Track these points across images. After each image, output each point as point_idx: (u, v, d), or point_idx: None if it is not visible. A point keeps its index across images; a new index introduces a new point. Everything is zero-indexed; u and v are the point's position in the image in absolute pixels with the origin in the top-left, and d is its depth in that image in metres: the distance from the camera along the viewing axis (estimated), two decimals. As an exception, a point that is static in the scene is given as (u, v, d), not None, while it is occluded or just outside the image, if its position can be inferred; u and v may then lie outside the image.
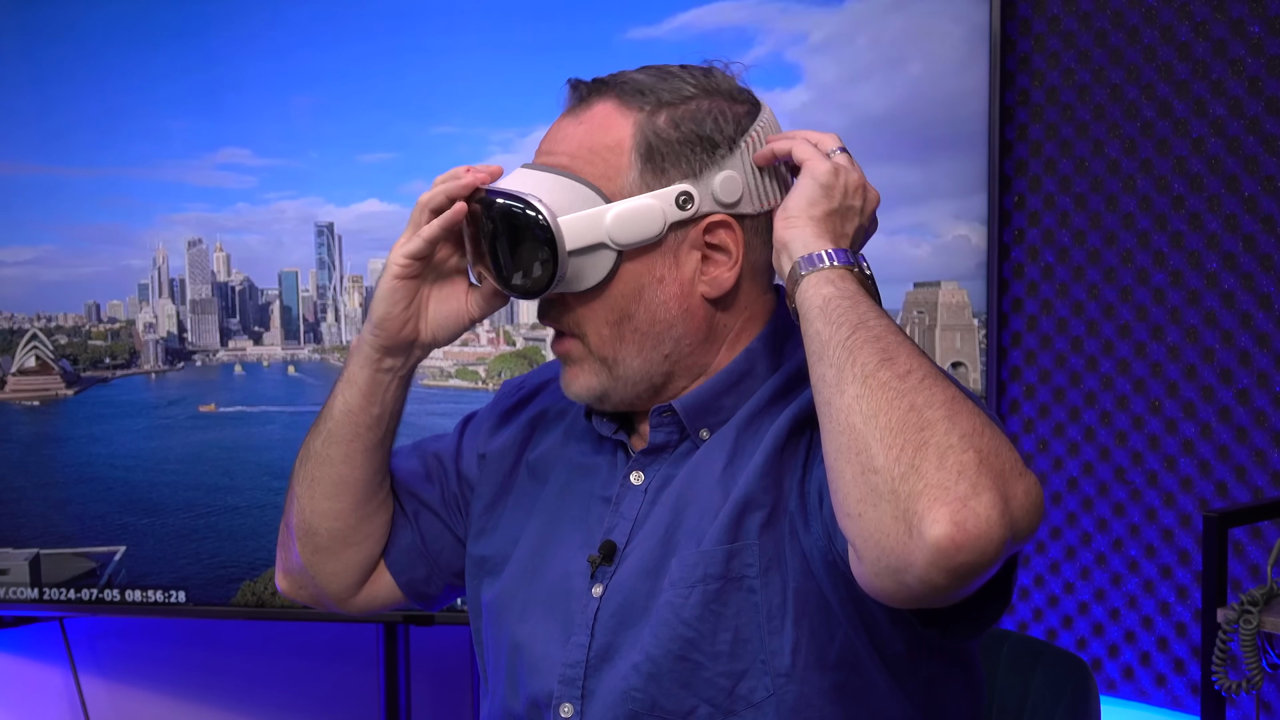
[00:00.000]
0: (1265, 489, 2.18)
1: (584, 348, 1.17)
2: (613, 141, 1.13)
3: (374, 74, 2.44)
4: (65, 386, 2.64)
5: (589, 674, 1.15)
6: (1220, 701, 1.92)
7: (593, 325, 1.15)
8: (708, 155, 1.13)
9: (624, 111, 1.14)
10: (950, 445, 0.90)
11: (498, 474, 1.30)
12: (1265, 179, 2.15)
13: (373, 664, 2.60)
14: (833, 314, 1.01)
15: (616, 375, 1.16)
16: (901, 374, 0.95)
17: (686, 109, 1.14)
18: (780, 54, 2.35)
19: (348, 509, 1.28)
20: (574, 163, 1.13)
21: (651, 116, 1.13)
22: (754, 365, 1.18)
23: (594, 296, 1.14)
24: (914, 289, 2.40)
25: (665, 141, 1.13)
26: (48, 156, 2.56)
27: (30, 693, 2.83)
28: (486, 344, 2.61)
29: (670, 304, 1.15)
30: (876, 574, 0.93)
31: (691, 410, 1.17)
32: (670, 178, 1.13)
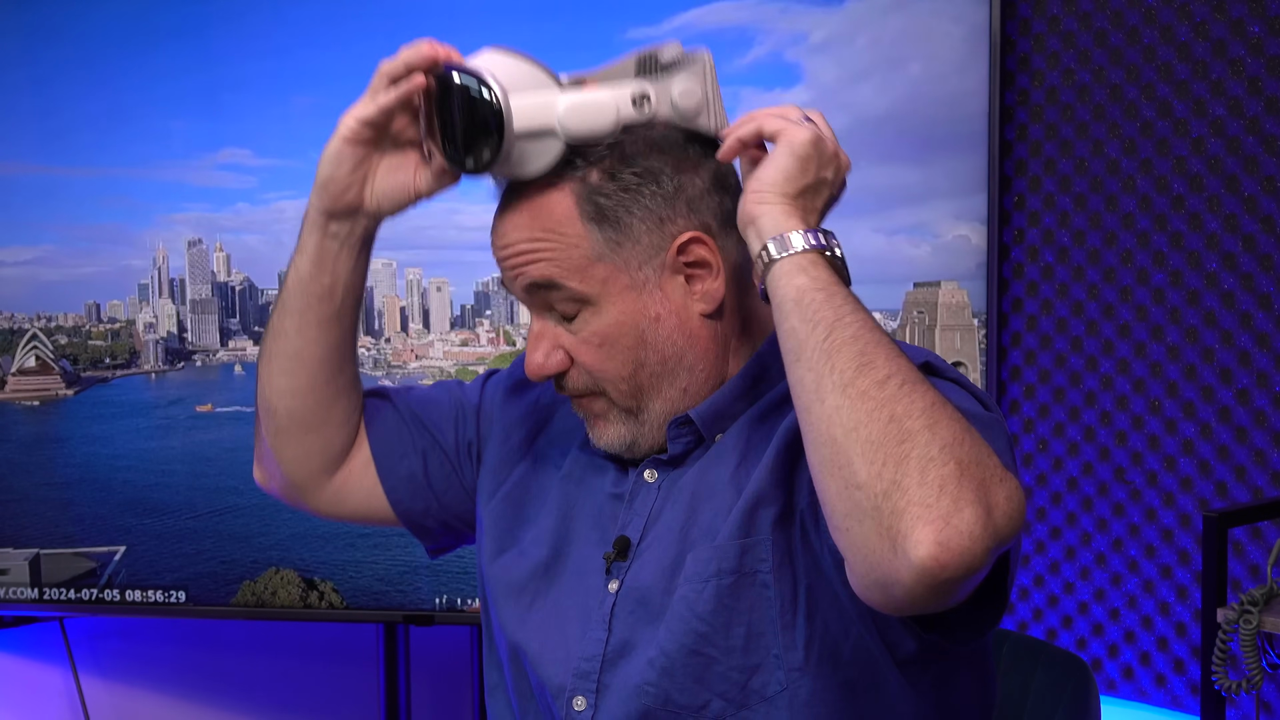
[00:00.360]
0: (1265, 489, 2.18)
1: (607, 402, 1.18)
2: (562, 213, 1.13)
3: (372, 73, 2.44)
4: (65, 386, 2.63)
5: (605, 668, 1.16)
6: (1220, 701, 1.92)
7: (609, 384, 1.16)
8: (653, 186, 1.13)
9: (558, 184, 1.13)
10: (931, 457, 0.90)
11: (506, 448, 1.31)
12: (1265, 179, 2.15)
13: (373, 664, 2.60)
14: (808, 309, 1.00)
15: (643, 421, 1.17)
16: (880, 380, 0.95)
17: (616, 153, 1.14)
18: (780, 54, 2.35)
19: (303, 387, 1.27)
20: (533, 246, 1.13)
21: (585, 180, 1.13)
22: (766, 368, 1.18)
23: (603, 359, 1.15)
24: (914, 289, 2.40)
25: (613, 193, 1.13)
26: (48, 156, 2.56)
27: (30, 693, 2.83)
28: (486, 344, 2.61)
29: (675, 336, 1.15)
30: (866, 586, 0.95)
31: (709, 418, 1.18)
32: (630, 221, 1.13)
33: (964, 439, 0.92)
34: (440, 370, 2.61)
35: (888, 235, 2.37)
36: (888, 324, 2.45)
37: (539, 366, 1.17)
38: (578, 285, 1.13)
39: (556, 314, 1.16)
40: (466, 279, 2.62)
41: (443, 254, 2.55)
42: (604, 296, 1.14)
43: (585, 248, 1.13)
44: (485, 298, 2.62)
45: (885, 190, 2.34)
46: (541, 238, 1.13)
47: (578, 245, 1.13)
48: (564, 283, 1.13)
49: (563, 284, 1.13)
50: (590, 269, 1.13)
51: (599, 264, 1.13)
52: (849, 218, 2.34)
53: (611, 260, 1.13)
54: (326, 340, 1.26)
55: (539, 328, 1.17)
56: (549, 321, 1.17)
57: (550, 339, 1.17)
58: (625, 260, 1.13)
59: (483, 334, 2.62)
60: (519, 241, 1.14)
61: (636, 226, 1.13)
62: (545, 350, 1.16)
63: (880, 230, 2.36)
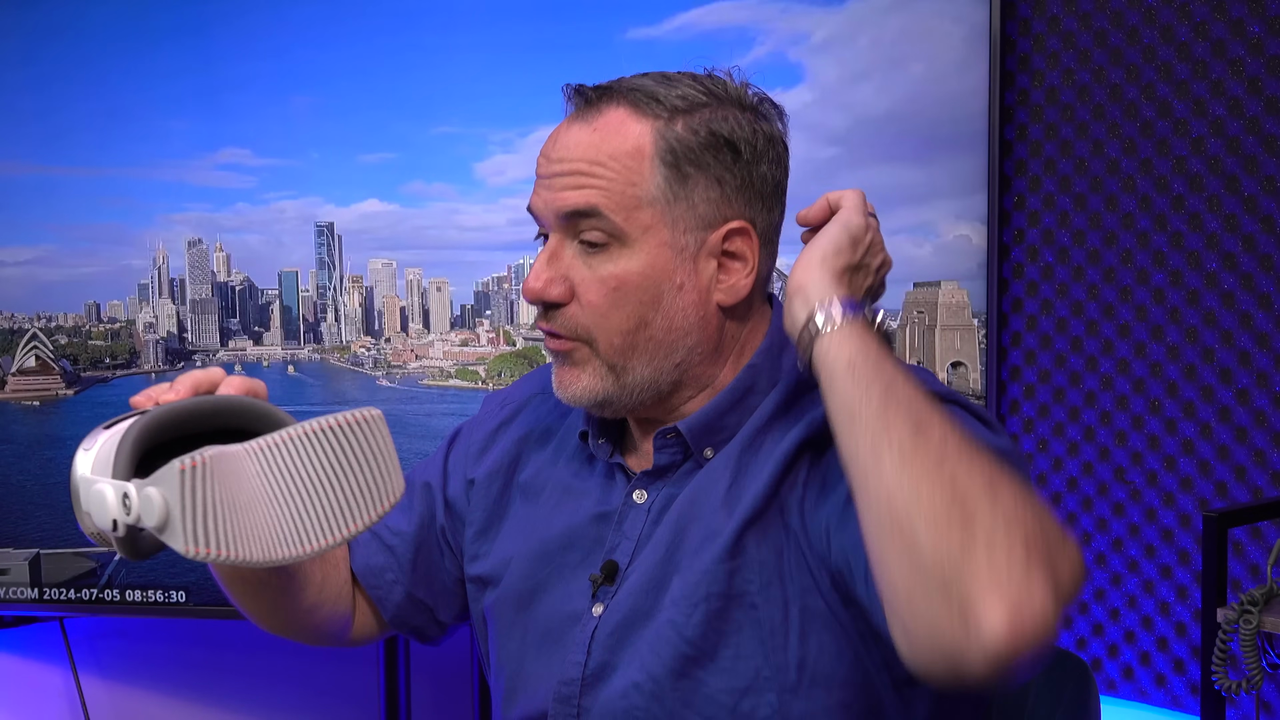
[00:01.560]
0: (1265, 489, 2.18)
1: (589, 351, 1.14)
2: (632, 147, 1.11)
3: (374, 74, 2.44)
4: (65, 386, 2.63)
5: (584, 692, 1.15)
6: (1220, 701, 1.92)
7: (604, 333, 1.13)
8: (733, 163, 1.12)
9: (639, 118, 1.12)
10: (997, 527, 0.86)
11: (487, 498, 1.28)
12: (1265, 179, 2.15)
13: (373, 664, 2.60)
14: (860, 377, 0.97)
15: (623, 383, 1.14)
16: (938, 448, 0.90)
17: (701, 115, 1.12)
18: (782, 54, 2.35)
19: (283, 618, 1.26)
20: (591, 169, 1.11)
21: (669, 123, 1.12)
22: (756, 381, 1.17)
23: (610, 305, 1.12)
24: (914, 289, 2.40)
25: (689, 150, 1.11)
26: (47, 156, 2.56)
27: (30, 693, 2.83)
28: (486, 344, 2.62)
29: (689, 311, 1.13)
30: (928, 661, 0.89)
31: (697, 431, 1.16)
32: (695, 182, 1.11)
33: (1026, 503, 0.88)
34: (440, 370, 2.61)
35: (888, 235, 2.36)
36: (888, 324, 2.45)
37: (538, 291, 1.13)
38: (620, 221, 1.11)
39: (577, 245, 1.13)
40: (466, 279, 2.62)
41: (443, 254, 2.55)
42: (639, 242, 1.11)
43: (643, 187, 1.11)
44: (485, 298, 2.62)
45: (886, 190, 2.34)
46: (604, 163, 1.11)
47: (636, 182, 1.11)
48: (608, 214, 1.10)
49: (606, 215, 1.10)
50: (638, 210, 1.11)
51: (648, 208, 1.11)
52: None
53: (662, 210, 1.11)
54: (276, 585, 1.22)
55: (554, 249, 1.13)
56: (566, 250, 1.13)
57: (562, 266, 1.13)
58: (674, 218, 1.12)
59: (483, 334, 2.62)
60: (579, 160, 1.11)
61: (698, 192, 1.12)
62: (551, 277, 1.13)
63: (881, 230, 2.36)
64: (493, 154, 2.43)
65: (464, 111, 2.44)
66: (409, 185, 2.47)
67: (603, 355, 1.14)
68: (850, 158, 2.30)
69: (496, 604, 1.24)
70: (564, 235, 1.13)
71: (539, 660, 1.19)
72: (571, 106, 1.15)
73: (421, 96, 2.44)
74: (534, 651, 1.20)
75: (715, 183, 1.12)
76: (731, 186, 1.13)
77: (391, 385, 2.62)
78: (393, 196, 2.48)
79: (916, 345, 2.41)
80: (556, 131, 1.15)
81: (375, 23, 2.45)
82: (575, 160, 1.11)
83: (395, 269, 2.60)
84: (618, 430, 1.23)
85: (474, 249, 2.51)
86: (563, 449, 1.26)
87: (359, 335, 2.64)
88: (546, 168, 1.14)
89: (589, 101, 1.14)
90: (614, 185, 1.10)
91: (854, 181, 1.15)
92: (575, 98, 1.15)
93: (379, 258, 2.59)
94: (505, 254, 2.56)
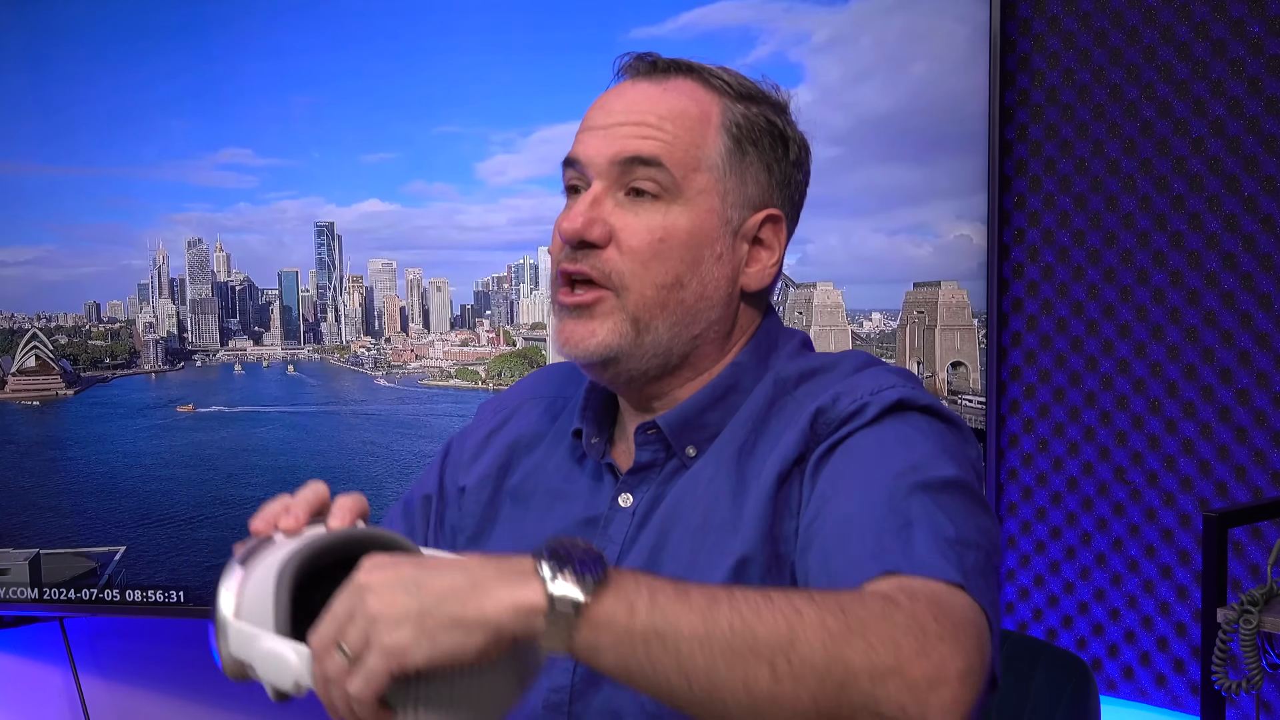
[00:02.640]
0: (1265, 489, 2.18)
1: (616, 302, 1.12)
2: (699, 113, 1.13)
3: (376, 74, 2.45)
4: (65, 386, 2.63)
5: (574, 699, 1.14)
6: (1220, 701, 1.92)
7: (639, 283, 1.11)
8: (784, 155, 1.16)
9: (707, 90, 1.14)
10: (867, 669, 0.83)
11: (478, 505, 1.27)
12: (1265, 179, 2.15)
13: (373, 664, 2.60)
14: (654, 646, 0.85)
15: (640, 341, 1.13)
16: (772, 660, 0.84)
17: (761, 106, 1.16)
18: (783, 53, 2.35)
19: None
20: (659, 122, 1.12)
21: (735, 102, 1.15)
22: (739, 380, 1.17)
23: (652, 255, 1.11)
24: (914, 289, 2.40)
25: (751, 131, 1.14)
26: (48, 156, 2.56)
27: (30, 693, 2.82)
28: (486, 344, 2.62)
29: (720, 284, 1.14)
30: None
31: (676, 427, 1.15)
32: (750, 162, 1.14)
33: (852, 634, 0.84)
34: (440, 370, 2.61)
35: (889, 235, 2.37)
36: (888, 324, 2.45)
37: (578, 229, 1.11)
38: (679, 176, 1.11)
39: (621, 195, 1.12)
40: (466, 279, 2.62)
41: (443, 254, 2.55)
42: (691, 202, 1.12)
43: (705, 151, 1.13)
44: (485, 298, 2.62)
45: (887, 190, 2.34)
46: (672, 119, 1.12)
47: (699, 145, 1.12)
48: (669, 167, 1.11)
49: (667, 167, 1.11)
50: (696, 172, 1.12)
51: (705, 173, 1.12)
52: (851, 218, 2.36)
53: (717, 179, 1.13)
54: None
55: (597, 195, 1.12)
56: (609, 198, 1.12)
57: (603, 210, 1.12)
58: (726, 189, 1.13)
59: (483, 334, 2.62)
60: (645, 113, 1.12)
61: (751, 173, 1.14)
62: (592, 217, 1.11)
63: (881, 230, 2.37)
64: (494, 154, 2.43)
65: (465, 111, 2.44)
66: (410, 185, 2.47)
67: (630, 307, 1.12)
68: (851, 158, 2.31)
69: None
70: (610, 183, 1.12)
71: None
72: (631, 74, 1.16)
73: (423, 96, 2.44)
74: None
75: (765, 169, 1.15)
76: (778, 177, 1.16)
77: (390, 385, 2.62)
78: (393, 196, 2.48)
79: (916, 345, 2.41)
80: (619, 88, 1.16)
81: (377, 23, 2.45)
82: (643, 112, 1.12)
83: (395, 269, 2.60)
84: (609, 426, 1.22)
85: (474, 249, 2.51)
86: (553, 451, 1.25)
87: (359, 335, 2.64)
88: (605, 118, 1.14)
89: (658, 68, 1.15)
90: (678, 142, 1.11)
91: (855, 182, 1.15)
92: (642, 64, 1.16)
93: (379, 258, 2.59)
94: (505, 254, 2.56)
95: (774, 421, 1.15)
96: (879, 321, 2.47)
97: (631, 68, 1.17)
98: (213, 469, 2.58)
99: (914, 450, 1.04)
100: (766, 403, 1.16)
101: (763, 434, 1.14)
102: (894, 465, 1.03)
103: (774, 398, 1.16)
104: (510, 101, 2.42)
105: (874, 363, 1.20)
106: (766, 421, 1.15)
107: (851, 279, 2.41)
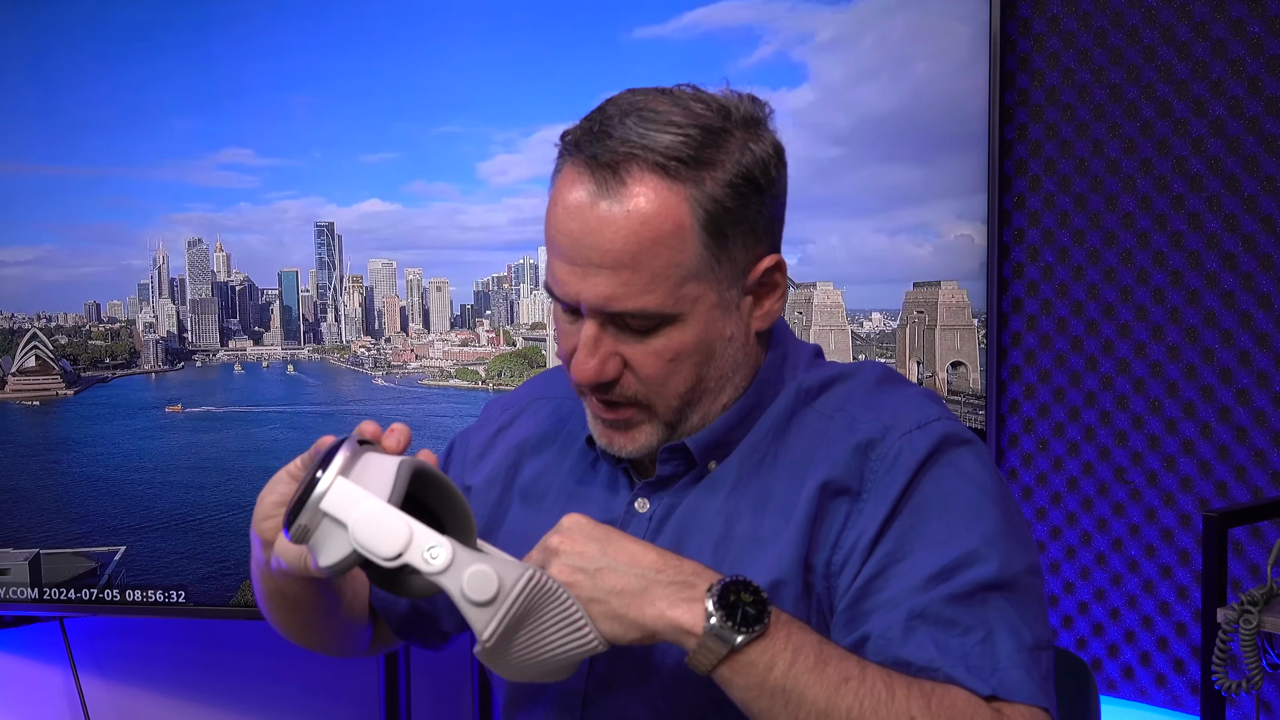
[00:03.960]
0: (1265, 489, 2.18)
1: (647, 415, 1.13)
2: (672, 226, 1.05)
3: (377, 74, 2.44)
4: (65, 386, 2.63)
5: (587, 703, 1.15)
6: (1220, 701, 1.92)
7: (663, 399, 1.12)
8: (759, 201, 1.09)
9: (671, 185, 1.05)
10: None
11: (485, 503, 1.27)
12: (1265, 179, 2.15)
13: (373, 664, 2.60)
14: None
15: (678, 432, 1.15)
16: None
17: (729, 158, 1.07)
18: (786, 53, 2.35)
19: (314, 632, 1.26)
20: (634, 261, 1.05)
21: (700, 186, 1.06)
22: (763, 396, 1.17)
23: (668, 374, 1.10)
24: (914, 289, 2.40)
25: (725, 210, 1.07)
26: (49, 156, 2.56)
27: (30, 693, 2.82)
28: (486, 344, 2.61)
29: (737, 355, 1.14)
30: None
31: (705, 447, 1.16)
32: (733, 239, 1.08)
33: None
34: (440, 370, 2.61)
35: (890, 235, 2.37)
36: (888, 324, 2.46)
37: (595, 374, 1.09)
38: (671, 307, 1.07)
39: (619, 330, 1.09)
40: (466, 279, 2.62)
41: (443, 254, 2.55)
42: (690, 314, 1.08)
43: (687, 262, 1.06)
44: (485, 297, 2.62)
45: (888, 190, 2.34)
46: (646, 251, 1.05)
47: (680, 262, 1.06)
48: (657, 309, 1.07)
49: (655, 311, 1.07)
50: (684, 286, 1.07)
51: (693, 281, 1.07)
52: (852, 218, 2.36)
53: (706, 279, 1.08)
54: (306, 610, 1.22)
55: (596, 333, 1.09)
56: (607, 331, 1.09)
57: (609, 344, 1.09)
58: (718, 279, 1.09)
59: (482, 334, 2.62)
60: (618, 251, 1.05)
61: (735, 243, 1.09)
62: (603, 357, 1.09)
63: (882, 230, 2.36)
64: (495, 154, 2.43)
65: (467, 111, 2.44)
66: (411, 185, 2.47)
67: (661, 416, 1.13)
68: (853, 157, 2.30)
69: None
70: (603, 323, 1.09)
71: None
72: (577, 170, 1.07)
73: (424, 96, 2.44)
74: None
75: (749, 230, 1.09)
76: (761, 225, 1.11)
77: (390, 385, 2.62)
78: (394, 196, 2.48)
79: (916, 345, 2.41)
80: (578, 205, 1.06)
81: (378, 22, 2.45)
82: (615, 251, 1.05)
83: (395, 269, 2.60)
84: None
85: (474, 249, 2.51)
86: (565, 453, 1.25)
87: (359, 335, 2.64)
88: (576, 252, 1.07)
89: (611, 170, 1.05)
90: (658, 274, 1.06)
91: (856, 182, 1.14)
92: (589, 163, 1.06)
93: (379, 258, 2.59)
94: (506, 254, 2.56)
95: (794, 433, 1.15)
96: (879, 321, 2.47)
97: (578, 158, 1.07)
98: (213, 469, 2.58)
99: (980, 522, 1.07)
100: (786, 414, 1.17)
101: (783, 445, 1.15)
102: (964, 545, 1.06)
103: (794, 409, 1.17)
104: (512, 101, 2.42)
105: (891, 375, 1.21)
106: (786, 433, 1.16)
107: (851, 279, 2.41)
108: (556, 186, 1.09)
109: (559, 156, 1.10)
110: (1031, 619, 1.05)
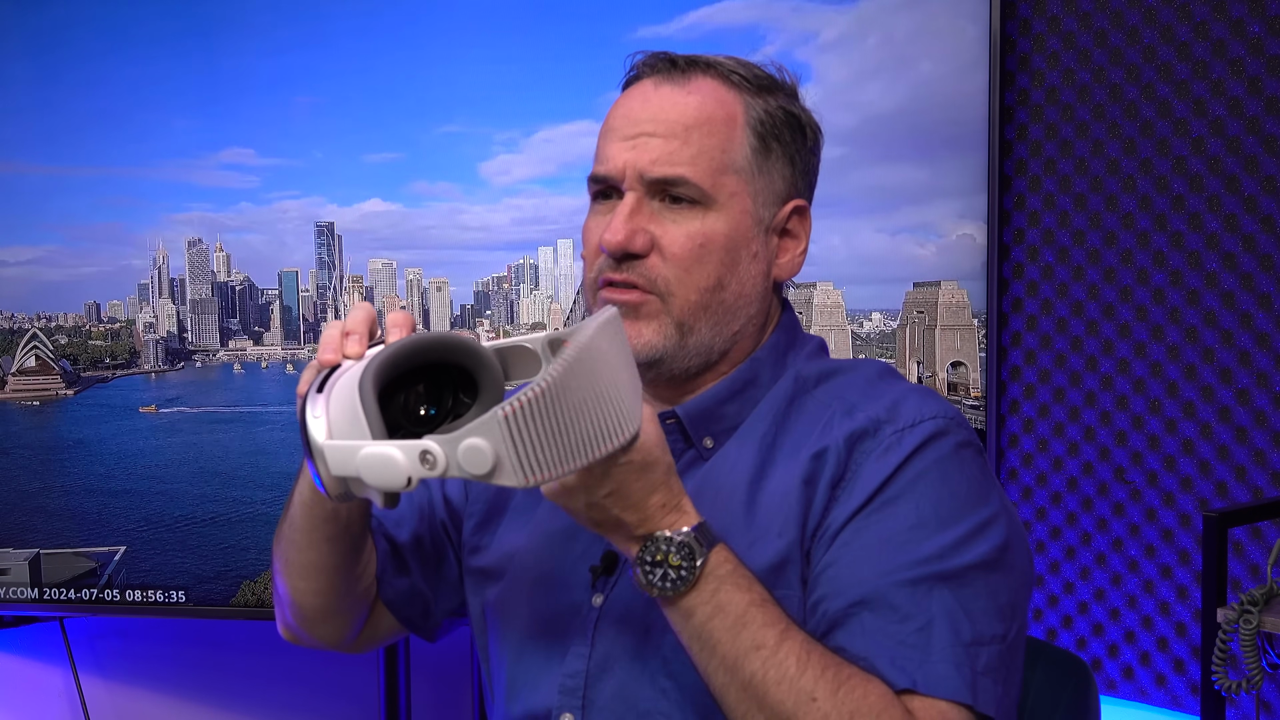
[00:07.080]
0: (1265, 489, 2.18)
1: (661, 306, 1.14)
2: (725, 115, 1.14)
3: (378, 74, 2.44)
4: (65, 386, 2.63)
5: (589, 684, 1.15)
6: (1220, 701, 1.92)
7: (683, 289, 1.13)
8: (802, 142, 1.18)
9: (729, 89, 1.15)
10: None
11: (487, 490, 1.28)
12: (1265, 179, 2.16)
13: (373, 664, 2.60)
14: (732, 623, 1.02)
15: (685, 344, 1.15)
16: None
17: (778, 97, 1.18)
18: (790, 52, 2.35)
19: (325, 588, 1.25)
20: (686, 132, 1.13)
21: (756, 98, 1.16)
22: (758, 374, 1.18)
23: (694, 260, 1.13)
24: (914, 289, 2.40)
25: (774, 127, 1.16)
26: (49, 156, 2.56)
27: (30, 693, 2.82)
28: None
29: (756, 281, 1.17)
30: None
31: (695, 417, 1.17)
32: (775, 157, 1.16)
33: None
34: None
35: (891, 235, 2.37)
36: (888, 324, 2.46)
37: (621, 242, 1.12)
38: (709, 186, 1.13)
39: (657, 203, 1.14)
40: (466, 279, 2.62)
41: (443, 254, 2.55)
42: (725, 206, 1.14)
43: (733, 154, 1.14)
44: (485, 297, 2.62)
45: (890, 190, 2.34)
46: (699, 125, 1.13)
47: (727, 149, 1.14)
48: (699, 181, 1.12)
49: (698, 183, 1.12)
50: (725, 175, 1.14)
51: (734, 175, 1.14)
52: (853, 217, 2.36)
53: (746, 180, 1.15)
54: (338, 551, 1.22)
55: (634, 206, 1.13)
56: (646, 206, 1.14)
57: (642, 219, 1.13)
58: (755, 190, 1.16)
59: (483, 334, 2.62)
60: (672, 122, 1.13)
61: (777, 168, 1.16)
62: (634, 228, 1.13)
63: (883, 230, 2.36)
64: (497, 154, 2.43)
65: (468, 111, 2.44)
66: (412, 185, 2.47)
67: (674, 312, 1.14)
68: (856, 157, 2.30)
69: (500, 597, 1.24)
70: (643, 192, 1.14)
71: (539, 653, 1.19)
72: (650, 73, 1.17)
73: (425, 96, 2.44)
74: (534, 644, 1.20)
75: (789, 161, 1.17)
76: (799, 167, 1.18)
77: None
78: (395, 196, 2.48)
79: (916, 345, 2.41)
80: (641, 90, 1.16)
81: (380, 22, 2.45)
82: (669, 121, 1.13)
83: (395, 269, 2.60)
84: None
85: (474, 249, 2.51)
86: None
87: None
88: (630, 126, 1.14)
89: (679, 69, 1.15)
90: (706, 150, 1.13)
91: (858, 182, 1.16)
92: (660, 62, 1.17)
93: (379, 257, 2.59)
94: (506, 254, 2.56)
95: (794, 418, 1.17)
96: (879, 321, 2.47)
97: (649, 66, 1.17)
98: (213, 469, 2.58)
99: (951, 517, 1.07)
100: (787, 399, 1.18)
101: (785, 429, 1.16)
102: (923, 548, 1.06)
103: (794, 395, 1.18)
104: (513, 101, 2.42)
105: (890, 371, 1.22)
106: (788, 417, 1.17)
107: (852, 279, 2.41)
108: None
109: (623, 87, 1.20)
110: (979, 614, 1.05)
